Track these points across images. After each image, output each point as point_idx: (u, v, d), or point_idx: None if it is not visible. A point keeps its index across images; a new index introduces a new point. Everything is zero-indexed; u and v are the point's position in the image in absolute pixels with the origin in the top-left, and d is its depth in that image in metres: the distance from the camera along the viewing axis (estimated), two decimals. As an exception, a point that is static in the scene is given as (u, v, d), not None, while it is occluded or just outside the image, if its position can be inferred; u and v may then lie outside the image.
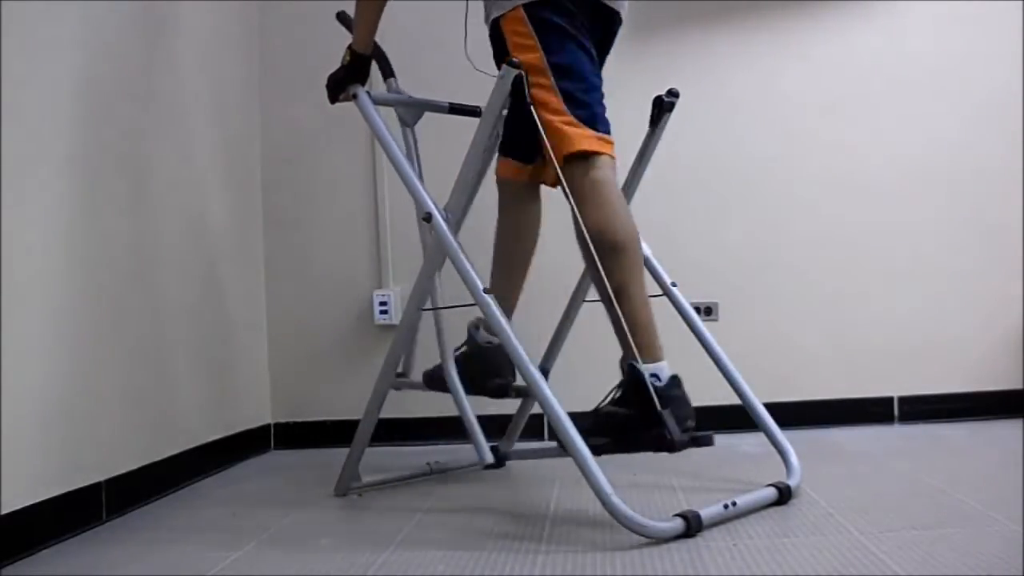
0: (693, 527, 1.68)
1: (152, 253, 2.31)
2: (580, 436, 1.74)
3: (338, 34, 2.13)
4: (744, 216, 2.90)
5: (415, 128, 2.37)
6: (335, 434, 2.84)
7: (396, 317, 2.87)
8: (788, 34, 2.91)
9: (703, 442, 1.82)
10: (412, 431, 2.83)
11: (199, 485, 2.42)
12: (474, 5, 2.09)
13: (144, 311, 2.26)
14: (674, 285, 2.20)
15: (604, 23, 2.02)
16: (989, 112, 2.87)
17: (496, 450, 2.26)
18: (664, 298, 2.19)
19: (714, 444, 1.84)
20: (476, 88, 2.11)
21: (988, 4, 2.87)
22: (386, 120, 2.12)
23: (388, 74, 2.42)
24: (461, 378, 2.14)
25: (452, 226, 1.96)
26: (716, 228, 2.89)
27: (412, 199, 2.06)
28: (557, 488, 2.15)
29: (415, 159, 2.33)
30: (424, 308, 2.07)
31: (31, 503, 1.79)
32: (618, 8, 2.03)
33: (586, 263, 1.96)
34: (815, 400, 2.85)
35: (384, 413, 2.19)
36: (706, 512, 1.73)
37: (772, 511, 1.87)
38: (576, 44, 1.94)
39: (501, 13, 1.96)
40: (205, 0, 2.66)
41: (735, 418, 2.25)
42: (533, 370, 1.79)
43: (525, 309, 2.27)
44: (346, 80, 2.11)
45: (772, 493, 1.90)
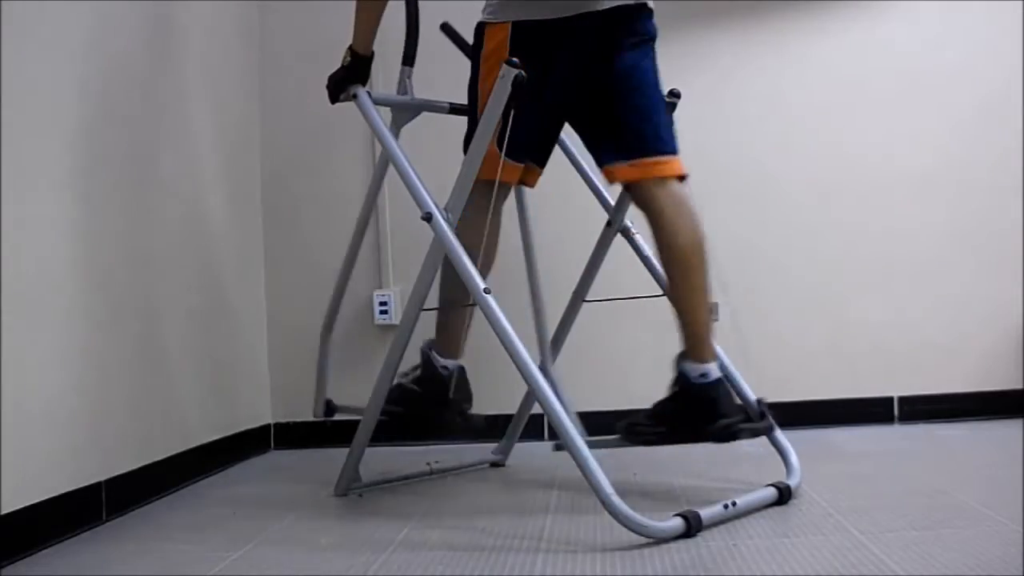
0: (693, 527, 1.68)
1: (152, 253, 2.31)
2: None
3: (339, 34, 2.12)
4: (744, 216, 2.90)
5: (400, 131, 2.34)
6: (335, 434, 2.84)
7: (396, 317, 2.87)
8: (788, 35, 2.91)
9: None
10: (412, 431, 2.82)
11: (199, 485, 2.41)
12: (481, 5, 2.09)
13: (144, 311, 2.26)
14: (674, 285, 2.20)
15: (617, 23, 1.98)
16: (989, 113, 2.87)
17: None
18: (664, 298, 2.19)
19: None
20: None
21: (988, 4, 2.87)
22: (386, 120, 2.12)
23: (408, 62, 2.37)
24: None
25: (452, 226, 1.96)
26: (716, 228, 2.87)
27: (412, 199, 2.06)
28: (557, 488, 2.15)
29: None
30: (424, 308, 2.07)
31: (31, 503, 1.79)
32: (635, 1, 1.98)
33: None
34: (815, 400, 2.85)
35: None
36: (706, 512, 1.73)
37: (772, 511, 1.87)
38: (546, 76, 1.92)
39: (490, 21, 1.96)
40: (205, 0, 2.66)
41: (735, 418, 2.25)
42: (534, 370, 1.79)
43: (525, 309, 2.27)
44: (346, 80, 2.11)
45: (772, 493, 1.90)
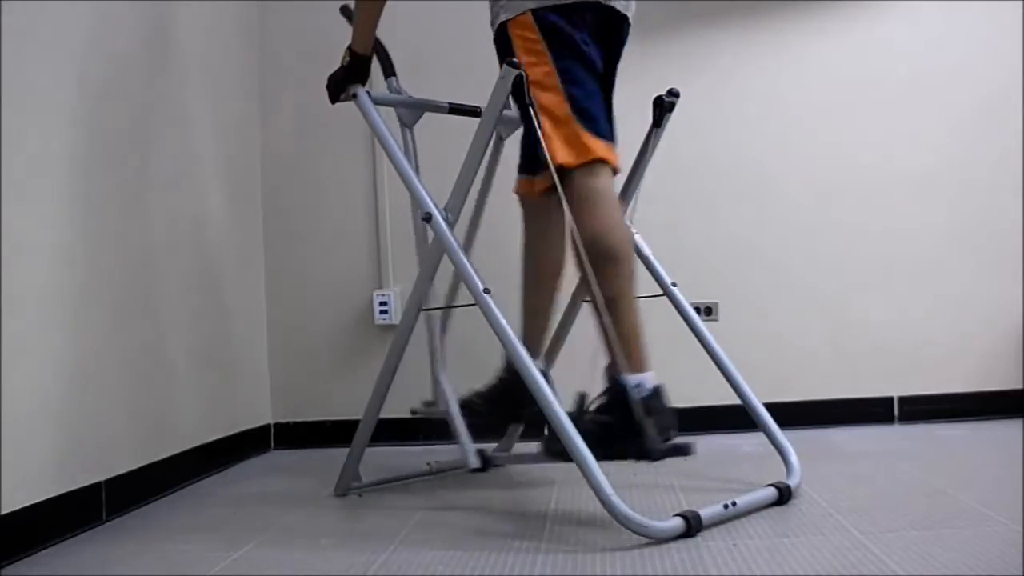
0: (693, 527, 1.68)
1: (152, 253, 2.31)
2: (558, 442, 1.77)
3: (339, 34, 2.13)
4: (744, 216, 2.90)
5: (414, 129, 2.37)
6: (335, 434, 2.84)
7: (396, 317, 2.87)
8: (788, 35, 2.91)
9: (683, 451, 1.83)
10: (412, 431, 2.83)
11: (199, 485, 2.42)
12: (481, 5, 2.09)
13: (144, 311, 2.26)
14: (674, 285, 2.20)
15: (613, 29, 2.02)
16: (989, 113, 2.87)
17: (482, 454, 2.25)
18: (664, 298, 2.20)
19: (693, 454, 1.84)
20: (476, 88, 2.11)
21: (988, 4, 2.87)
22: (386, 120, 2.12)
23: (389, 73, 2.42)
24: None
25: (452, 226, 1.96)
26: (716, 228, 2.90)
27: (412, 199, 2.06)
28: (557, 488, 2.15)
29: (413, 160, 2.33)
30: (424, 308, 2.07)
31: (31, 503, 1.79)
32: (626, 12, 2.02)
33: (579, 272, 1.95)
34: (815, 400, 2.85)
35: (384, 413, 2.19)
36: (706, 512, 1.73)
37: (772, 511, 1.87)
38: (581, 52, 1.94)
39: (509, 17, 1.96)
40: (205, 0, 2.66)
41: (735, 418, 2.25)
42: (533, 370, 1.79)
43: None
44: (346, 80, 2.11)
45: (772, 493, 1.90)
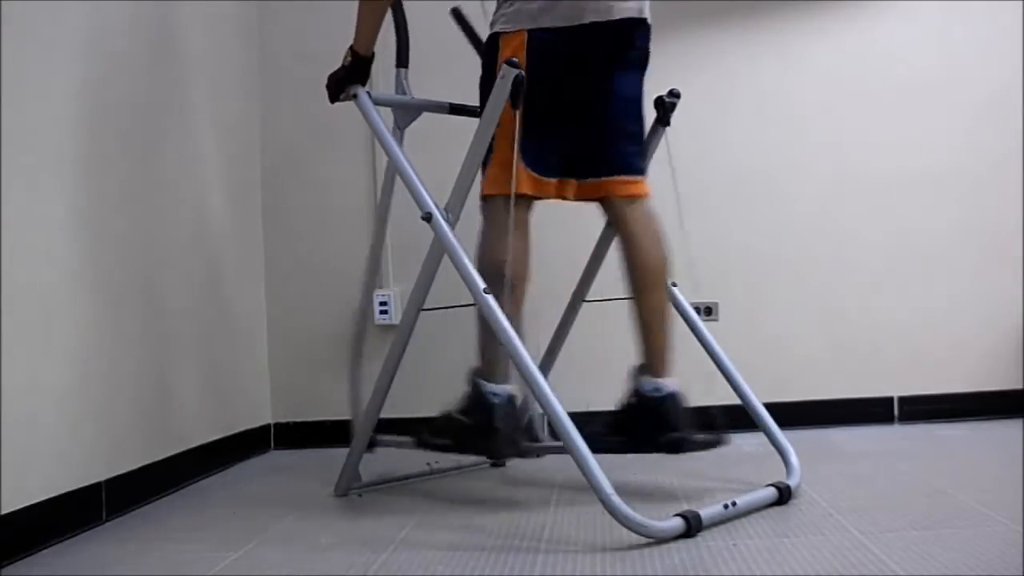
0: (693, 527, 1.68)
1: (152, 253, 2.31)
2: (427, 433, 2.01)
3: (339, 34, 2.12)
4: (744, 216, 2.90)
5: (404, 132, 2.35)
6: (335, 434, 2.83)
7: (396, 317, 2.87)
8: (789, 35, 2.91)
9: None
10: (412, 431, 2.82)
11: (199, 485, 2.41)
12: (481, 6, 2.10)
13: (144, 311, 2.26)
14: (674, 285, 2.20)
15: (624, 39, 2.01)
16: (989, 112, 2.87)
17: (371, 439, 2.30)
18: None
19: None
20: (476, 88, 2.11)
21: (988, 4, 2.87)
22: (386, 120, 2.12)
23: (403, 63, 2.39)
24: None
25: (452, 226, 1.96)
26: (716, 228, 2.89)
27: (412, 199, 2.06)
28: (557, 488, 2.15)
29: None
30: (424, 308, 2.07)
31: (31, 503, 1.79)
32: (640, 16, 2.01)
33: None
34: (815, 400, 2.85)
35: (384, 413, 2.19)
36: (706, 512, 1.73)
37: (772, 511, 1.87)
38: (559, 83, 1.95)
39: (505, 30, 1.96)
40: (205, 0, 2.66)
41: (735, 418, 2.25)
42: (534, 370, 1.79)
43: (527, 309, 2.27)
44: (346, 80, 2.11)
45: (772, 493, 1.90)
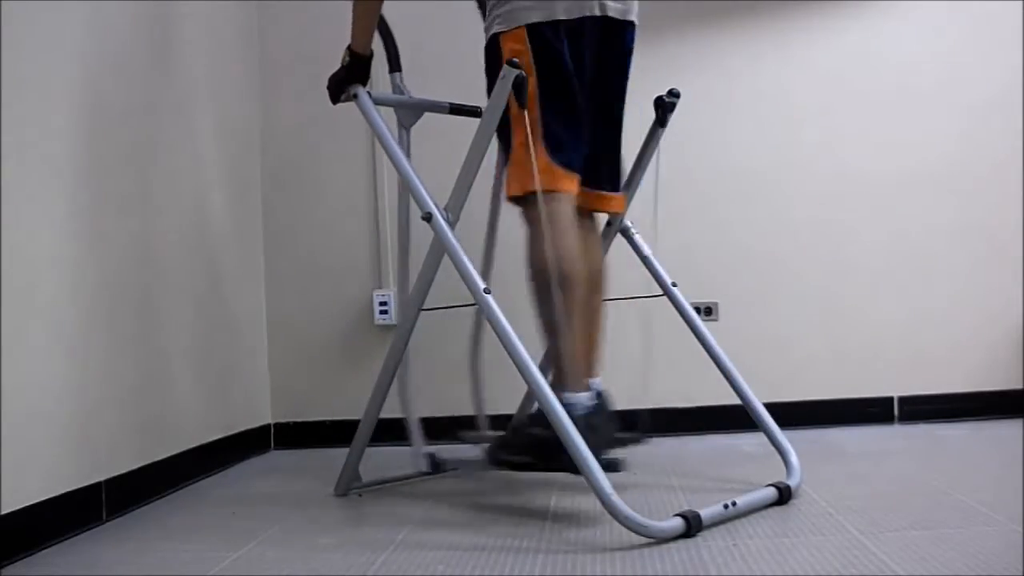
0: (693, 527, 1.68)
1: (152, 253, 2.31)
2: (501, 450, 1.91)
3: (339, 34, 2.12)
4: (744, 216, 2.90)
5: (411, 131, 2.36)
6: (335, 434, 2.84)
7: (396, 317, 2.87)
8: (788, 35, 2.91)
9: (613, 467, 1.81)
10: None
11: (199, 485, 2.41)
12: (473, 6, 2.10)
13: (144, 311, 2.26)
14: (674, 285, 2.20)
15: (615, 38, 2.01)
16: (989, 112, 2.87)
17: (433, 457, 2.27)
18: (664, 298, 2.20)
19: (624, 470, 1.83)
20: (476, 88, 2.11)
21: (988, 4, 2.87)
22: (386, 120, 2.12)
23: (394, 68, 2.40)
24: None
25: (452, 226, 1.96)
26: (716, 228, 2.90)
27: (399, 199, 2.06)
28: (557, 488, 2.15)
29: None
30: (424, 308, 2.07)
31: (31, 503, 1.79)
32: (625, 17, 2.01)
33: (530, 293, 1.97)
34: (815, 400, 2.85)
35: (384, 413, 2.19)
36: (706, 512, 1.73)
37: (772, 511, 1.87)
38: (568, 75, 1.95)
39: (502, 30, 1.96)
40: (205, 0, 2.66)
41: (735, 418, 2.26)
42: (534, 370, 1.79)
43: (525, 309, 2.27)
44: (346, 80, 2.11)
45: (772, 493, 1.90)
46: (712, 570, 1.51)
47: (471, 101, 2.35)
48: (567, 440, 1.72)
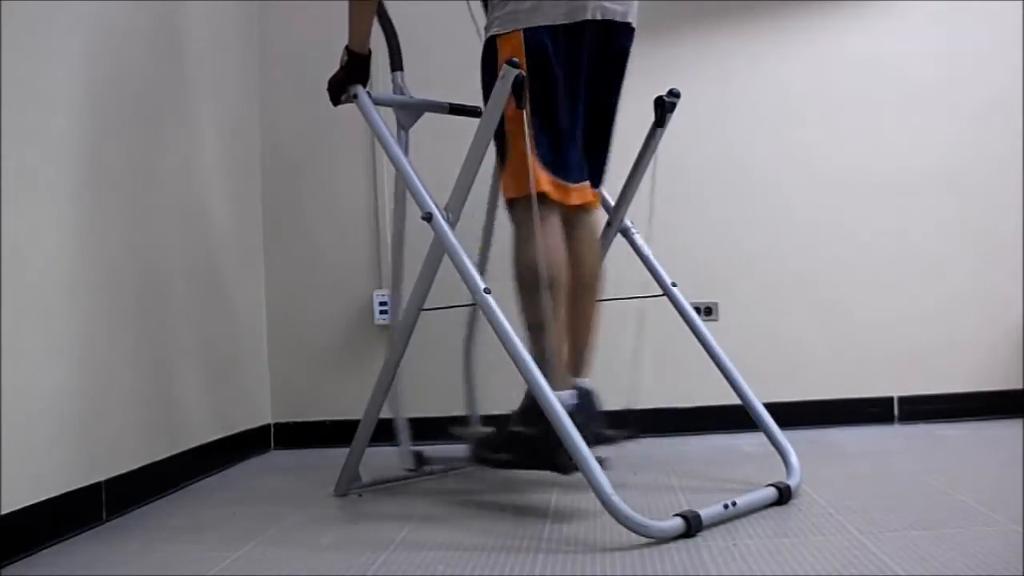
0: (693, 527, 1.68)
1: (152, 253, 2.31)
2: (486, 449, 1.94)
3: (339, 33, 2.12)
4: (744, 216, 2.90)
5: (408, 131, 2.35)
6: (335, 434, 2.84)
7: (393, 316, 2.86)
8: (788, 35, 2.91)
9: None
10: (412, 431, 2.82)
11: (199, 485, 2.41)
12: (475, 5, 2.09)
13: (144, 311, 2.26)
14: (674, 285, 2.20)
15: (612, 41, 2.02)
16: (989, 113, 2.87)
17: (419, 456, 2.31)
18: (664, 298, 2.20)
19: (608, 469, 1.79)
20: (476, 88, 2.11)
21: (988, 4, 2.87)
22: (386, 120, 2.12)
23: (396, 66, 2.40)
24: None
25: (452, 226, 1.96)
26: (716, 228, 2.90)
27: (412, 199, 2.06)
28: (557, 488, 2.15)
29: None
30: (424, 308, 2.07)
31: (31, 503, 1.79)
32: (624, 20, 2.01)
33: (517, 294, 1.98)
34: (815, 400, 2.85)
35: (384, 413, 2.19)
36: (706, 512, 1.73)
37: (772, 511, 1.87)
38: (561, 80, 1.95)
39: (500, 32, 1.96)
40: (205, 0, 2.66)
41: (735, 418, 2.26)
42: (534, 370, 1.79)
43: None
44: (346, 81, 2.11)
45: (772, 493, 1.90)
46: (712, 570, 1.51)
47: (471, 101, 2.35)
48: (566, 439, 1.72)
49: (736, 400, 2.14)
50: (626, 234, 2.27)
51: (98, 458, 2.02)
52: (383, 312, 2.91)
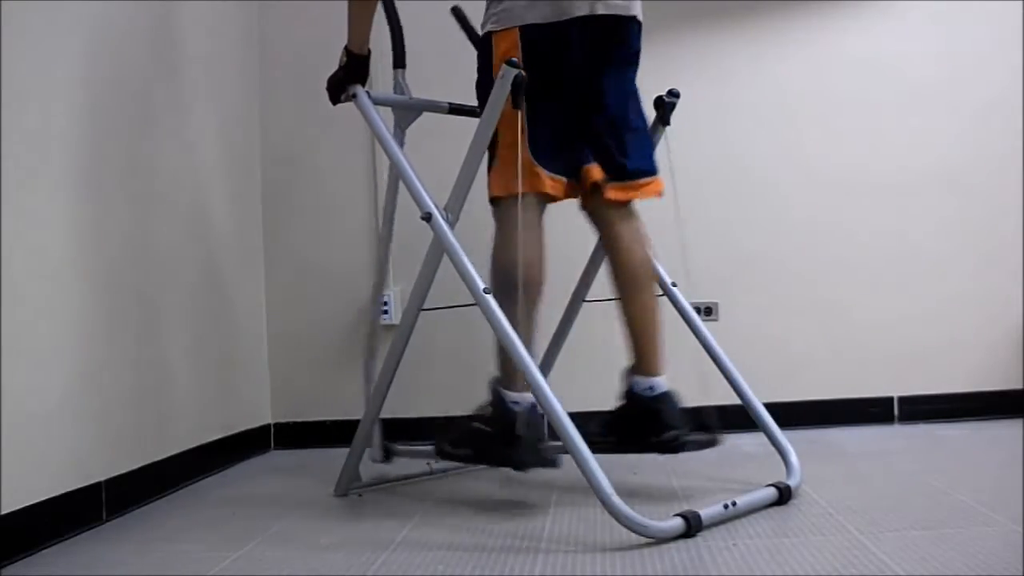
0: (693, 527, 1.68)
1: (152, 253, 2.31)
2: (447, 444, 2.00)
3: (339, 33, 2.13)
4: (744, 216, 2.90)
5: (406, 132, 2.35)
6: (335, 434, 2.84)
7: (396, 317, 2.87)
8: (788, 34, 2.91)
9: (551, 463, 1.93)
10: (412, 431, 2.83)
11: (199, 485, 2.41)
12: (480, 5, 2.09)
13: (144, 311, 2.26)
14: (674, 285, 2.21)
15: (614, 35, 2.00)
16: (989, 112, 2.87)
17: (387, 447, 2.36)
18: (664, 298, 2.19)
19: (559, 467, 1.90)
20: (470, 88, 2.11)
21: (988, 4, 2.87)
22: (385, 120, 2.12)
23: (399, 64, 2.39)
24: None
25: (452, 226, 1.96)
26: (716, 228, 2.89)
27: (412, 199, 2.06)
28: (557, 488, 2.15)
29: None
30: (424, 308, 2.07)
31: (31, 503, 1.79)
32: (628, 14, 2.00)
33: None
34: (815, 400, 2.85)
35: (384, 413, 2.19)
36: (706, 512, 1.73)
37: (772, 511, 1.87)
38: (558, 79, 1.95)
39: (496, 30, 1.96)
40: (205, 0, 2.66)
41: (735, 418, 2.25)
42: (534, 370, 1.79)
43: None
44: (345, 80, 2.11)
45: (772, 493, 1.90)
46: (712, 570, 1.51)
47: (470, 101, 2.35)
48: (566, 438, 1.72)
49: (736, 400, 2.14)
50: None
51: (98, 458, 2.02)
52: (383, 312, 2.91)
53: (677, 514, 1.70)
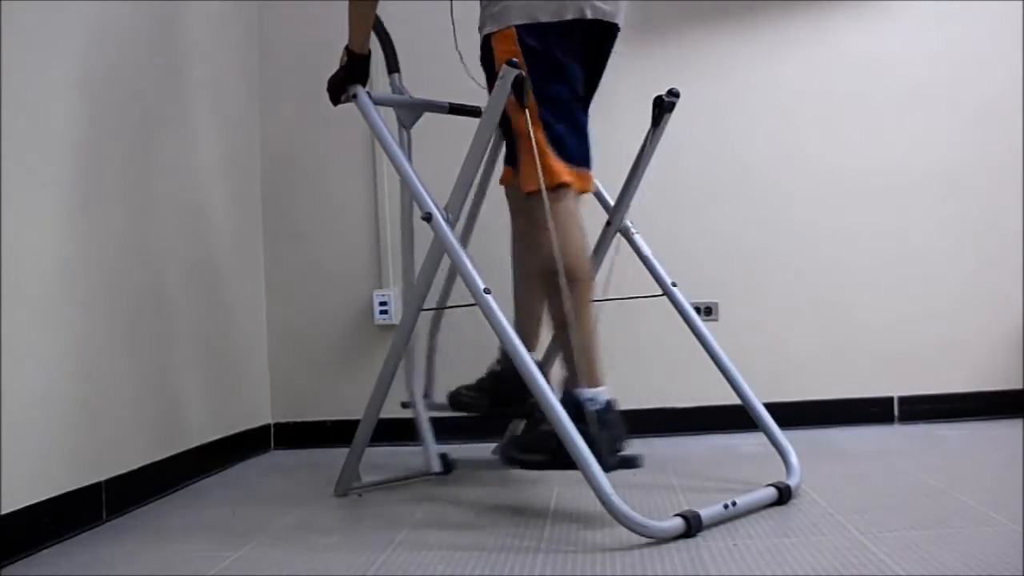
0: (693, 527, 1.69)
1: (152, 253, 2.31)
2: (516, 449, 1.93)
3: (338, 34, 2.13)
4: (743, 216, 2.90)
5: (411, 131, 2.36)
6: (335, 434, 2.84)
7: (396, 317, 2.87)
8: (788, 34, 2.91)
9: (632, 464, 1.85)
10: (412, 431, 2.82)
11: (199, 485, 2.42)
12: (470, 6, 2.09)
13: (144, 311, 2.26)
14: (674, 285, 2.20)
15: (602, 41, 2.03)
16: (989, 112, 2.87)
17: (445, 457, 2.24)
18: (664, 298, 2.20)
19: (641, 466, 1.85)
20: (476, 88, 2.11)
21: (988, 4, 2.87)
22: (386, 120, 2.12)
23: (393, 68, 2.41)
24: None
25: (452, 226, 1.96)
26: (716, 228, 2.89)
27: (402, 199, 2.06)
28: (557, 488, 2.15)
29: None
30: (424, 308, 2.07)
31: (31, 503, 1.79)
32: (613, 20, 2.02)
33: (541, 291, 1.97)
34: (815, 400, 2.85)
35: (384, 413, 2.19)
36: (706, 512, 1.73)
37: (772, 511, 1.87)
38: (561, 73, 1.96)
39: (493, 30, 1.96)
40: (205, 0, 2.66)
41: (735, 418, 2.25)
42: (534, 369, 1.79)
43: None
44: (346, 81, 2.11)
45: (772, 493, 1.90)
46: (712, 570, 1.51)
47: (470, 101, 2.35)
48: (566, 438, 1.72)
49: (736, 400, 2.14)
50: (626, 234, 2.27)
51: (98, 458, 2.02)
52: (383, 312, 2.91)
53: (677, 514, 1.70)
